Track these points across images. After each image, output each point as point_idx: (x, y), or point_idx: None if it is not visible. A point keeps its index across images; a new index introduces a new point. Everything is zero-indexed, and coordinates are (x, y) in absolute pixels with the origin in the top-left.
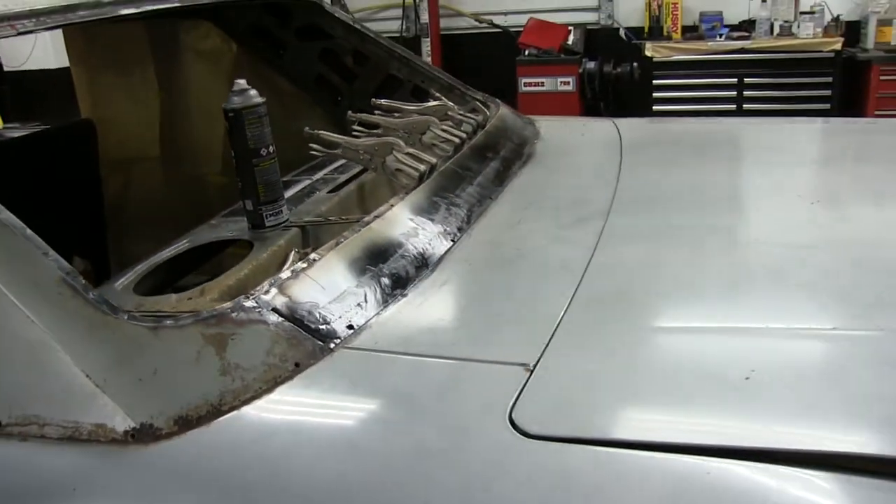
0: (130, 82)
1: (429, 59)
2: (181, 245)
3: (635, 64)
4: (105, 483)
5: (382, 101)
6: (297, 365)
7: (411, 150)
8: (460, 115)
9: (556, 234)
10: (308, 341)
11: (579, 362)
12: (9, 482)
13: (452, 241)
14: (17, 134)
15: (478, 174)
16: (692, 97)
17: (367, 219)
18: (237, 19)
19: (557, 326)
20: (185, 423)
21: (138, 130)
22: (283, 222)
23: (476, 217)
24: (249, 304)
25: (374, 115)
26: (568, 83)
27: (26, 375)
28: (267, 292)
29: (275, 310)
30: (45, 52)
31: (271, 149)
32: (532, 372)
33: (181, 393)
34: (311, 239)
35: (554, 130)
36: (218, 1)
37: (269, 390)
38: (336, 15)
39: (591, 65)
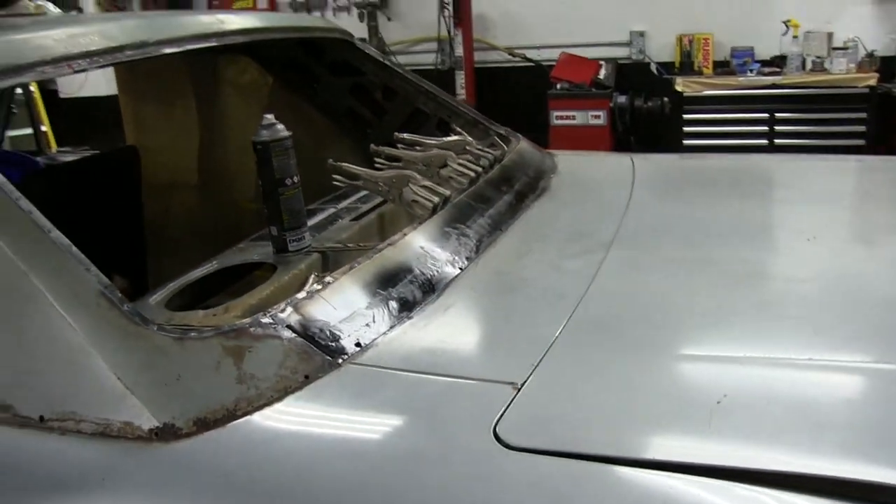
0: (172, 112)
1: (463, 92)
2: (211, 266)
3: (666, 98)
4: (130, 475)
5: (405, 135)
6: (306, 377)
7: (426, 183)
8: (478, 149)
9: (558, 264)
10: (318, 356)
11: (564, 382)
12: (47, 471)
13: (460, 268)
14: (68, 158)
15: (491, 206)
16: (723, 132)
17: (380, 246)
18: (273, 54)
19: (548, 349)
20: (203, 425)
21: (178, 158)
22: (305, 248)
23: (485, 247)
24: (266, 320)
25: (397, 148)
26: (599, 117)
27: (66, 376)
28: (283, 311)
29: (289, 326)
30: (97, 79)
31: (296, 179)
32: (519, 390)
33: (201, 397)
34: (332, 263)
35: (571, 165)
36: (255, 38)
37: (280, 399)
38: (366, 52)
39: (621, 99)
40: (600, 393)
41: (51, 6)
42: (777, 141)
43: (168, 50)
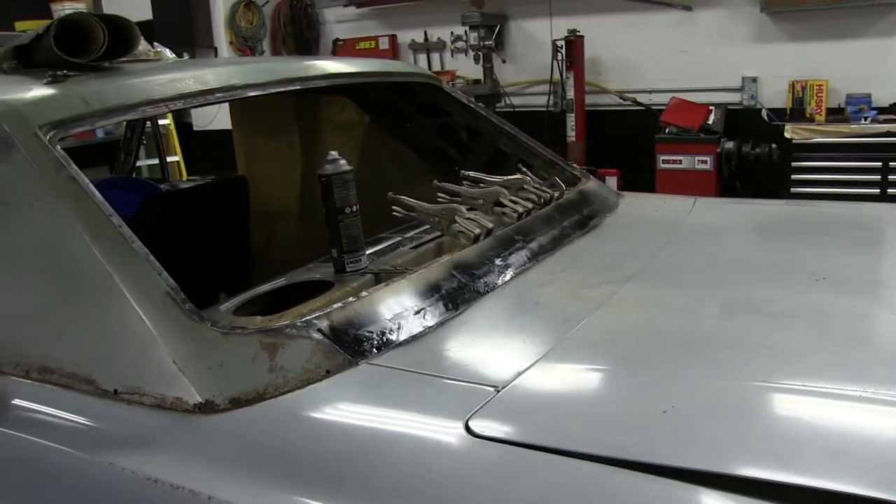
0: (279, 147)
1: (573, 134)
2: (279, 282)
3: (774, 145)
4: (177, 439)
5: (470, 173)
6: (327, 372)
7: (471, 216)
8: (535, 188)
9: (575, 292)
10: (341, 356)
11: (540, 388)
12: (118, 432)
13: (485, 292)
14: (187, 185)
15: (532, 240)
16: (833, 180)
17: (417, 269)
18: (370, 96)
19: (537, 361)
20: (237, 403)
21: (283, 188)
22: (361, 269)
23: (516, 275)
24: (301, 323)
25: (462, 184)
26: (705, 162)
27: (136, 358)
28: (318, 317)
29: (319, 330)
30: (227, 113)
31: (355, 208)
32: (498, 392)
33: (237, 381)
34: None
35: (632, 205)
36: (337, 83)
37: (302, 387)
38: (453, 94)
39: (729, 144)
40: (568, 398)
41: (168, 52)
42: (890, 190)
43: (252, 93)
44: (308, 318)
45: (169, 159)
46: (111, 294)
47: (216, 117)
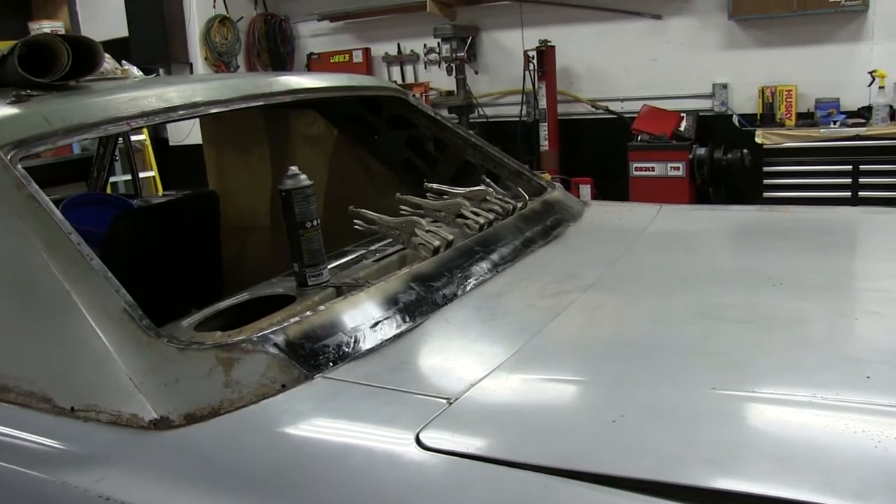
0: (249, 160)
1: (546, 143)
2: (242, 296)
3: (745, 151)
4: (132, 455)
5: (433, 185)
6: (283, 386)
7: (432, 228)
8: (497, 199)
9: (533, 302)
10: (296, 370)
11: (491, 399)
12: (75, 449)
13: (443, 303)
14: (160, 200)
15: (493, 250)
16: (804, 184)
17: (375, 282)
18: (338, 109)
19: (490, 372)
20: (192, 419)
21: (253, 202)
22: (323, 283)
23: (474, 286)
24: (256, 338)
25: (426, 197)
26: (678, 168)
27: (92, 375)
28: (275, 332)
29: (275, 344)
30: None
31: (315, 222)
32: (451, 404)
33: (192, 397)
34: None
35: (597, 214)
36: (300, 98)
37: (257, 402)
38: (420, 108)
39: (700, 151)
40: (519, 409)
41: (135, 70)
42: (862, 193)
43: (215, 110)
44: (264, 332)
45: (145, 175)
46: (68, 311)
47: (191, 133)
